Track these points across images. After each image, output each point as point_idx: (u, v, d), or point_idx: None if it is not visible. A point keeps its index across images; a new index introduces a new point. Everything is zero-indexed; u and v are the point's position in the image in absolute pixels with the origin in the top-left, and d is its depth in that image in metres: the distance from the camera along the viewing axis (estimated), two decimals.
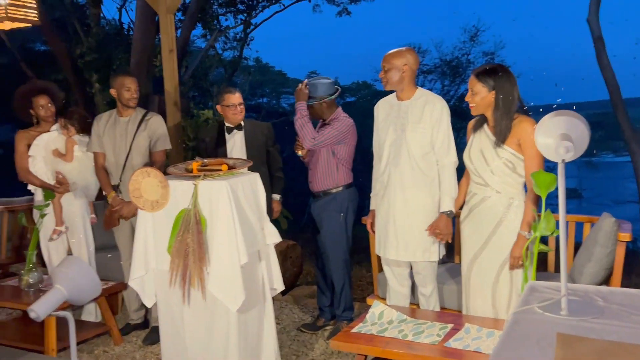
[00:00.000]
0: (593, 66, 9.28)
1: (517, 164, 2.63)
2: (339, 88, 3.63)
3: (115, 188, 3.61)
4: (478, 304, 2.75)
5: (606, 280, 3.01)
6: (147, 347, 3.63)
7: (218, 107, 3.69)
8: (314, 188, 3.62)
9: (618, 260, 2.85)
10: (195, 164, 2.78)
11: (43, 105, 3.70)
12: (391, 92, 3.11)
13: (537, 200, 2.61)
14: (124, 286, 3.73)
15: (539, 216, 2.38)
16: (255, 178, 2.83)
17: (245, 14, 12.25)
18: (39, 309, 1.63)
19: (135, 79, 3.62)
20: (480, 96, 2.62)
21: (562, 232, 1.37)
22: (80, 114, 3.74)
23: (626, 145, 10.22)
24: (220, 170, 2.72)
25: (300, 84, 3.52)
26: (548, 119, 1.42)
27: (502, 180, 2.66)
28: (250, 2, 12.30)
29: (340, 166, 3.55)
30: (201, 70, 11.65)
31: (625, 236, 2.80)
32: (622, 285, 2.83)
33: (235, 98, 3.59)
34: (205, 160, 2.84)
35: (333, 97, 3.55)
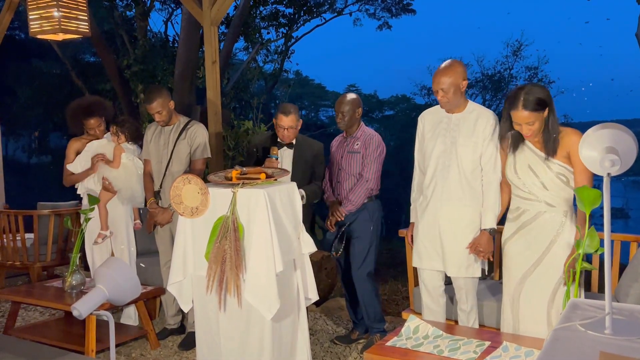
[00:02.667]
0: None
1: (569, 177, 2.56)
2: None
3: (156, 194, 3.70)
4: (530, 325, 2.66)
5: None
6: (183, 352, 3.68)
7: (274, 121, 3.67)
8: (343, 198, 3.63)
9: None
10: (234, 172, 2.82)
11: (92, 126, 3.87)
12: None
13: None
14: (162, 291, 3.80)
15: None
16: (293, 187, 2.84)
17: (286, 28, 12.42)
18: (82, 307, 1.68)
19: (157, 102, 3.55)
20: (538, 122, 2.54)
21: (607, 249, 1.32)
22: (131, 122, 3.87)
23: None
24: (258, 178, 2.76)
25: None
26: (593, 132, 1.39)
27: (556, 194, 2.59)
28: (292, 16, 12.48)
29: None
30: (242, 82, 11.85)
31: None
32: None
33: (285, 121, 3.44)
34: (245, 169, 2.89)
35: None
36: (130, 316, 4.01)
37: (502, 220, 2.96)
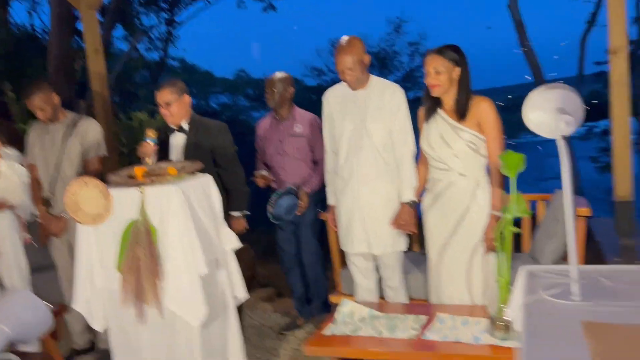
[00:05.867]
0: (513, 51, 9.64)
1: (479, 145, 2.59)
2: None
3: (46, 202, 3.28)
4: (452, 292, 2.70)
5: (565, 256, 3.04)
6: None
7: None
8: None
9: (579, 236, 2.87)
10: (139, 170, 2.54)
11: None
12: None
13: (502, 181, 2.58)
14: (65, 309, 3.40)
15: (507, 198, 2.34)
16: (208, 180, 2.62)
17: (168, 12, 11.79)
18: None
19: (37, 97, 3.14)
20: (446, 74, 2.55)
21: (568, 214, 1.29)
22: (6, 124, 3.38)
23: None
24: (167, 174, 2.50)
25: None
26: (538, 94, 1.34)
27: (467, 163, 2.61)
28: (173, 1, 11.87)
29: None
30: (125, 73, 11.11)
31: (584, 211, 2.82)
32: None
33: (159, 97, 2.99)
34: (149, 166, 2.61)
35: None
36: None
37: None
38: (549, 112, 1.28)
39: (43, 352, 3.47)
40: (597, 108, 5.47)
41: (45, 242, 3.32)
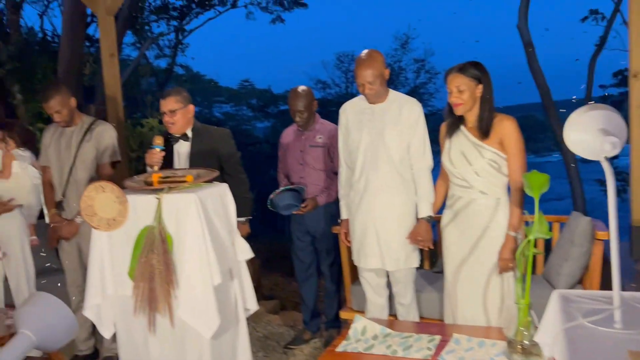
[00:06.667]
0: (524, 71, 9.64)
1: (501, 163, 2.56)
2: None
3: (58, 205, 3.25)
4: (468, 312, 2.65)
5: (581, 280, 3.00)
6: None
7: None
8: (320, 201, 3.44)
9: (596, 260, 2.84)
10: (155, 176, 2.51)
11: None
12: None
13: (523, 201, 2.55)
14: None
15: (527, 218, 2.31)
16: (225, 189, 2.59)
17: (178, 20, 11.84)
18: None
19: (54, 100, 3.13)
20: (469, 92, 2.52)
21: (613, 236, 1.26)
22: (21, 126, 3.36)
23: (557, 145, 10.68)
24: (184, 181, 2.47)
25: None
26: (580, 115, 1.32)
27: (488, 181, 2.58)
28: (183, 9, 11.91)
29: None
30: (133, 79, 11.12)
31: (603, 234, 2.79)
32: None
33: (163, 105, 2.97)
34: (166, 172, 2.58)
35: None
36: None
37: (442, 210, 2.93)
38: (592, 133, 1.25)
39: (45, 357, 3.42)
40: None
41: (54, 245, 3.28)
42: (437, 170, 2.91)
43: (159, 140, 2.78)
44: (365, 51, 2.84)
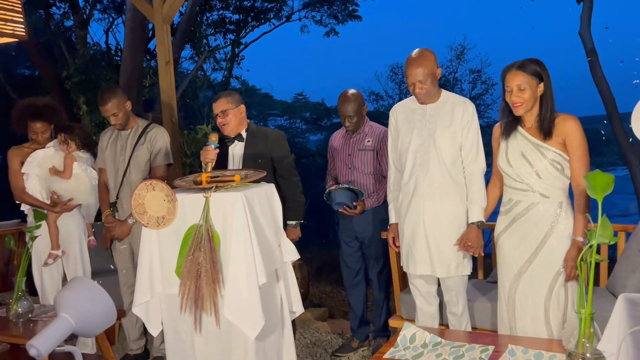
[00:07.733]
0: (587, 80, 9.24)
1: (564, 165, 2.41)
2: None
3: (112, 206, 3.34)
4: (528, 324, 2.49)
5: None
6: None
7: None
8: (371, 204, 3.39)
9: None
10: (204, 176, 2.53)
11: (37, 130, 3.43)
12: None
13: (589, 205, 2.39)
14: (122, 313, 3.43)
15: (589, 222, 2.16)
16: (271, 189, 2.57)
17: (234, 34, 12.12)
18: (42, 345, 1.33)
19: (111, 103, 3.22)
20: (530, 91, 2.40)
21: None
22: (81, 129, 3.49)
23: (622, 157, 10.13)
24: (232, 181, 2.47)
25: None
26: None
27: (549, 184, 2.43)
28: (239, 23, 12.19)
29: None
30: (190, 91, 11.44)
31: None
32: None
33: (215, 106, 3.04)
34: (215, 172, 2.60)
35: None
36: (87, 343, 3.58)
37: (492, 218, 2.80)
38: None
39: (97, 355, 3.50)
40: None
41: (108, 246, 3.37)
42: (488, 175, 2.79)
43: (214, 137, 2.79)
44: (416, 50, 2.77)
